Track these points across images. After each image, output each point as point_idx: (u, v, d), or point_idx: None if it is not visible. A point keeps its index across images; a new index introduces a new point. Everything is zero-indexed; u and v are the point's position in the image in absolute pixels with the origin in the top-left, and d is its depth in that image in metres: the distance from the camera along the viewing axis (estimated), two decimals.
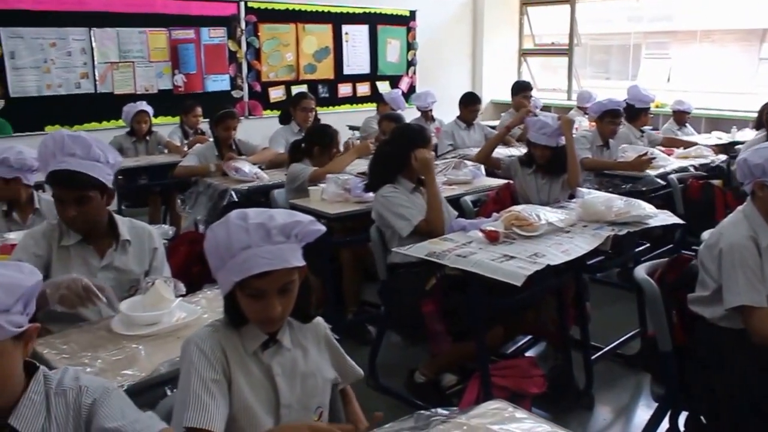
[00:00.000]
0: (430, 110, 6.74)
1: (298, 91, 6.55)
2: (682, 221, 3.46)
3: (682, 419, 2.68)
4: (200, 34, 7.25)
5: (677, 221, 3.41)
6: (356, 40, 8.50)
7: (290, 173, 4.28)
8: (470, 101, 6.33)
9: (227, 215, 1.57)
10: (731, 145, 6.02)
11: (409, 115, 6.46)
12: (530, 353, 3.67)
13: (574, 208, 3.43)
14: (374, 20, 8.64)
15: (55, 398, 1.35)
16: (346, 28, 8.39)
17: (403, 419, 1.57)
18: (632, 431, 3.19)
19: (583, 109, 7.34)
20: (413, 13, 8.98)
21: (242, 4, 7.52)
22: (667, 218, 3.37)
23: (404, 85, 8.99)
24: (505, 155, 4.82)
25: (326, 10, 8.17)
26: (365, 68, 8.66)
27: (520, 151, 4.96)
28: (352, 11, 8.40)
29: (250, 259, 1.49)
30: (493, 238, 2.94)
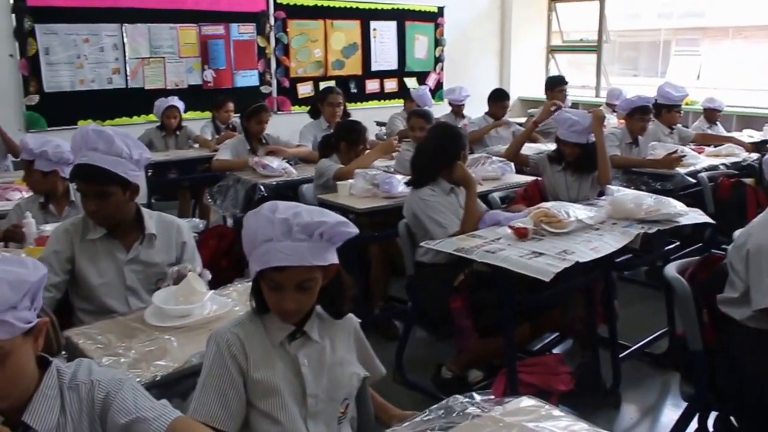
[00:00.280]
0: (462, 105, 6.70)
1: (325, 86, 6.58)
2: (712, 220, 3.43)
3: (711, 420, 2.66)
4: (230, 30, 7.31)
5: (707, 220, 3.38)
6: (384, 36, 8.51)
7: (318, 169, 4.30)
8: (499, 97, 6.31)
9: (262, 205, 1.60)
10: (763, 143, 5.93)
11: (436, 111, 6.45)
12: (557, 350, 3.67)
13: (603, 205, 3.41)
14: (402, 16, 8.64)
15: (69, 393, 1.35)
16: (374, 24, 8.40)
17: (438, 405, 1.57)
18: (659, 431, 3.17)
19: (612, 106, 7.25)
20: (441, 9, 8.96)
21: (271, 0, 7.57)
22: (697, 217, 3.34)
23: (432, 81, 8.98)
24: (535, 149, 4.81)
25: (354, 6, 8.19)
26: (393, 64, 8.67)
27: (548, 147, 4.94)
28: (380, 7, 8.41)
29: (269, 251, 1.53)
30: (521, 234, 2.94)
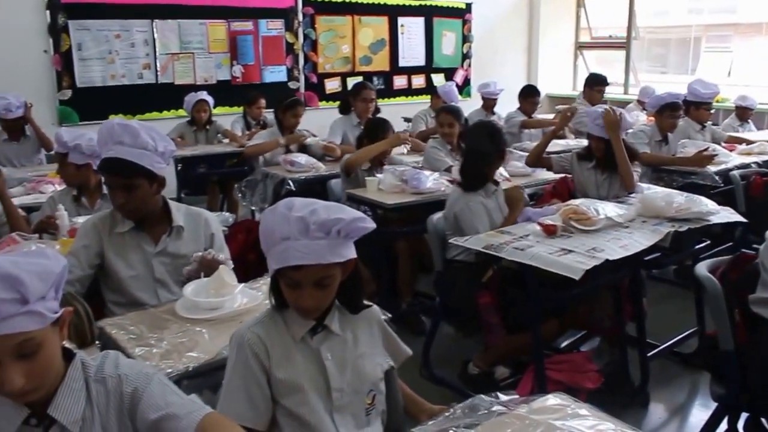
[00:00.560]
0: (495, 99, 6.65)
1: (355, 82, 6.56)
2: (743, 219, 3.39)
3: (741, 421, 2.63)
4: (258, 25, 7.36)
5: (739, 219, 3.34)
6: (412, 32, 8.51)
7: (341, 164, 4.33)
8: (530, 93, 6.28)
9: (278, 203, 1.60)
10: None
11: (463, 107, 6.42)
12: (584, 348, 3.65)
13: (633, 203, 3.39)
14: (430, 12, 8.63)
15: (95, 385, 1.35)
16: (402, 20, 8.40)
17: (463, 403, 1.57)
18: (688, 431, 3.15)
19: (642, 103, 7.18)
20: (469, 5, 8.94)
21: None
22: (728, 215, 3.30)
23: (459, 77, 8.96)
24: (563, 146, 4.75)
25: (382, 2, 8.20)
26: (420, 60, 8.66)
27: (579, 143, 4.91)
28: (408, 3, 8.40)
29: (287, 250, 1.52)
30: (550, 231, 2.93)
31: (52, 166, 4.74)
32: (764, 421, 2.52)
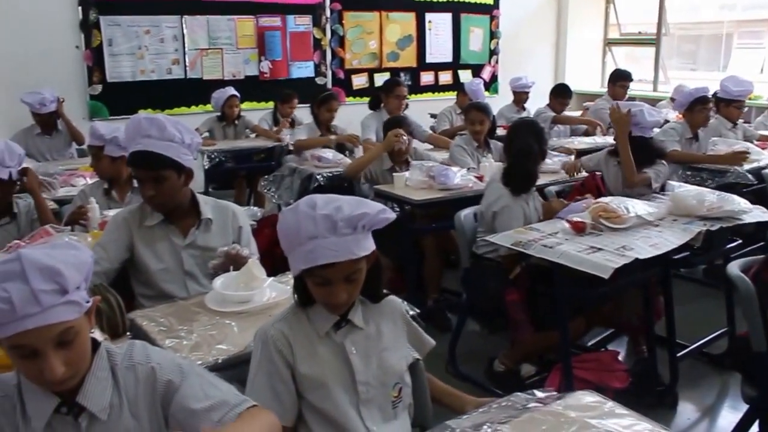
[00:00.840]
0: (527, 93, 6.61)
1: (386, 78, 6.55)
2: None
3: None
4: (286, 21, 7.37)
5: None
6: (439, 28, 8.47)
7: None
8: (561, 93, 6.23)
9: (297, 202, 1.59)
10: None
11: (491, 104, 6.40)
12: (611, 347, 3.62)
13: (663, 201, 3.35)
14: (457, 8, 8.58)
15: (123, 373, 1.37)
16: (429, 16, 8.36)
17: (498, 401, 1.56)
18: None
19: (674, 101, 7.09)
20: (497, 1, 8.87)
21: None
22: (761, 215, 3.25)
23: (486, 74, 8.91)
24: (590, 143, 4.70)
25: None
26: (448, 57, 8.62)
27: (606, 140, 4.86)
28: (435, 0, 8.38)
29: (316, 249, 1.51)
30: (579, 229, 2.91)
31: (83, 159, 4.80)
32: None
